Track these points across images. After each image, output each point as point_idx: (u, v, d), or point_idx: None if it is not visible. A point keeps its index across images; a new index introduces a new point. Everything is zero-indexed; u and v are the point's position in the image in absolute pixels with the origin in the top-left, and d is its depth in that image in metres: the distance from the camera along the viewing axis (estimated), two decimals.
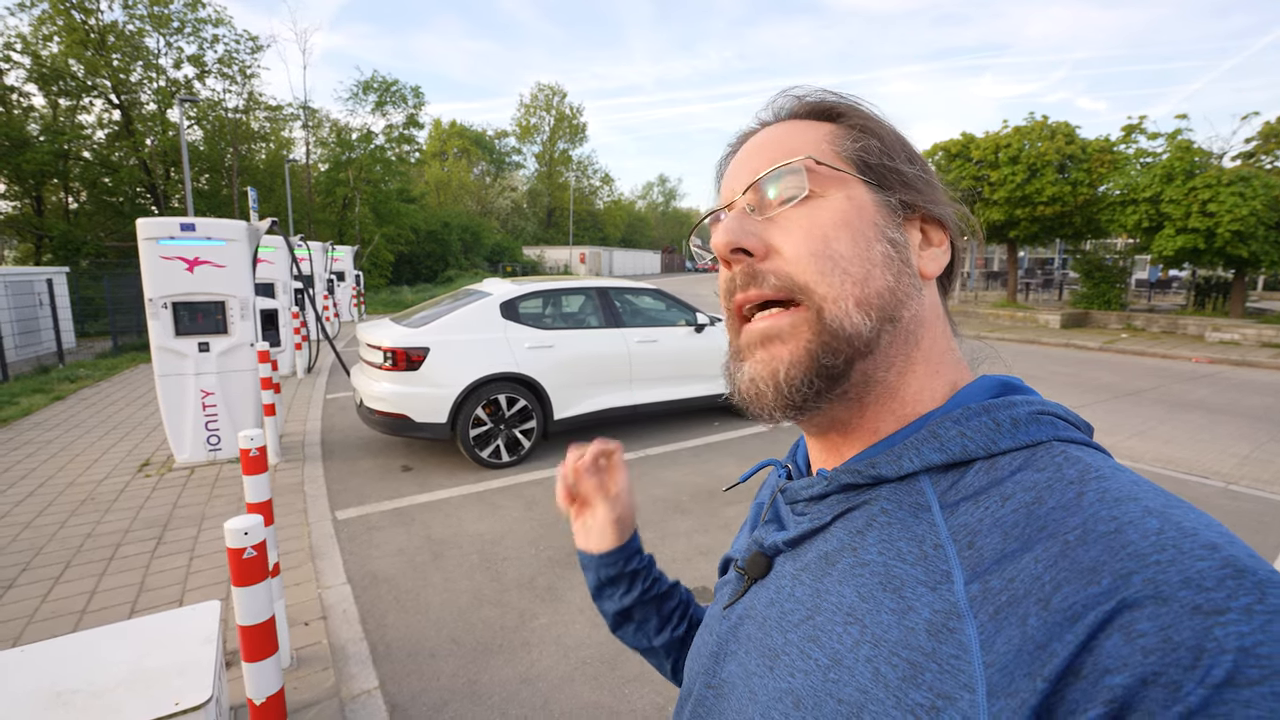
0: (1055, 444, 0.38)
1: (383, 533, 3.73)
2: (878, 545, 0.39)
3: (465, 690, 2.38)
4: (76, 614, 2.82)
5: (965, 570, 0.34)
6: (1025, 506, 0.35)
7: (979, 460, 0.39)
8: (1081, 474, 0.35)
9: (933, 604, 0.34)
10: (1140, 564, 0.29)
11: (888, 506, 0.40)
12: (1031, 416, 0.40)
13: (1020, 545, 0.33)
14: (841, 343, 0.41)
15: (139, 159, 19.89)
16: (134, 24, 19.81)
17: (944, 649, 0.32)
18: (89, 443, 5.41)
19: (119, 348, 10.69)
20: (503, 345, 4.83)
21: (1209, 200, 12.27)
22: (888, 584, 0.37)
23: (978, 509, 0.36)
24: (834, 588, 0.40)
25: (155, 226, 4.56)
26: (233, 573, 1.56)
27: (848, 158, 0.45)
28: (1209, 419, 6.62)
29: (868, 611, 0.37)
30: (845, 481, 0.43)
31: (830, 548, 0.42)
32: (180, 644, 1.89)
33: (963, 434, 0.39)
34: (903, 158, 0.46)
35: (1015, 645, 0.30)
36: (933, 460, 0.39)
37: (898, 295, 0.43)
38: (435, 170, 43.15)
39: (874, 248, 0.43)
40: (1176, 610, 0.27)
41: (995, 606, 0.32)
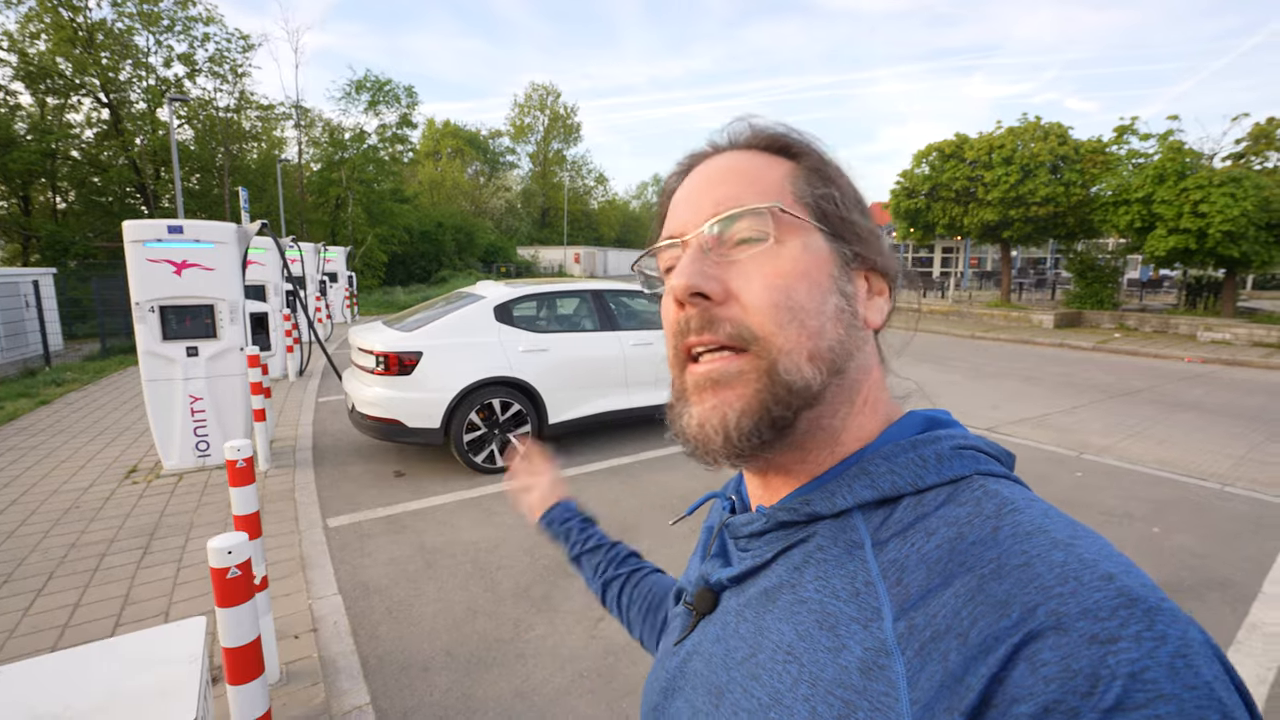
0: (976, 478, 0.39)
1: (375, 541, 3.67)
2: (815, 582, 0.40)
3: (459, 705, 2.32)
4: (59, 628, 2.75)
5: (894, 607, 0.35)
6: (948, 542, 0.35)
7: (907, 496, 0.39)
8: (999, 508, 0.36)
9: (864, 641, 0.35)
10: (1045, 596, 0.30)
11: (824, 543, 0.41)
12: (954, 451, 0.41)
13: (942, 580, 0.34)
14: (793, 395, 0.41)
15: (128, 158, 19.67)
16: (123, 22, 19.62)
17: (875, 687, 0.33)
18: (75, 449, 5.32)
19: (107, 350, 10.56)
20: (496, 349, 4.77)
21: (1200, 201, 12.34)
22: (824, 622, 0.38)
23: (905, 545, 0.37)
24: (774, 625, 0.41)
25: (142, 229, 4.48)
26: (216, 593, 1.50)
27: (807, 204, 0.45)
28: (1203, 419, 6.64)
29: (805, 650, 0.38)
30: (782, 519, 0.43)
31: (770, 584, 0.43)
32: (163, 663, 1.83)
33: (892, 470, 0.40)
34: (856, 209, 0.46)
35: (938, 681, 0.31)
36: (865, 497, 0.40)
37: (847, 347, 0.43)
38: (429, 170, 42.94)
39: (829, 300, 0.43)
40: (1075, 640, 0.28)
41: (920, 643, 0.33)
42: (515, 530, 3.81)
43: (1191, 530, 3.87)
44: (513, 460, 1.00)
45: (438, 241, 30.27)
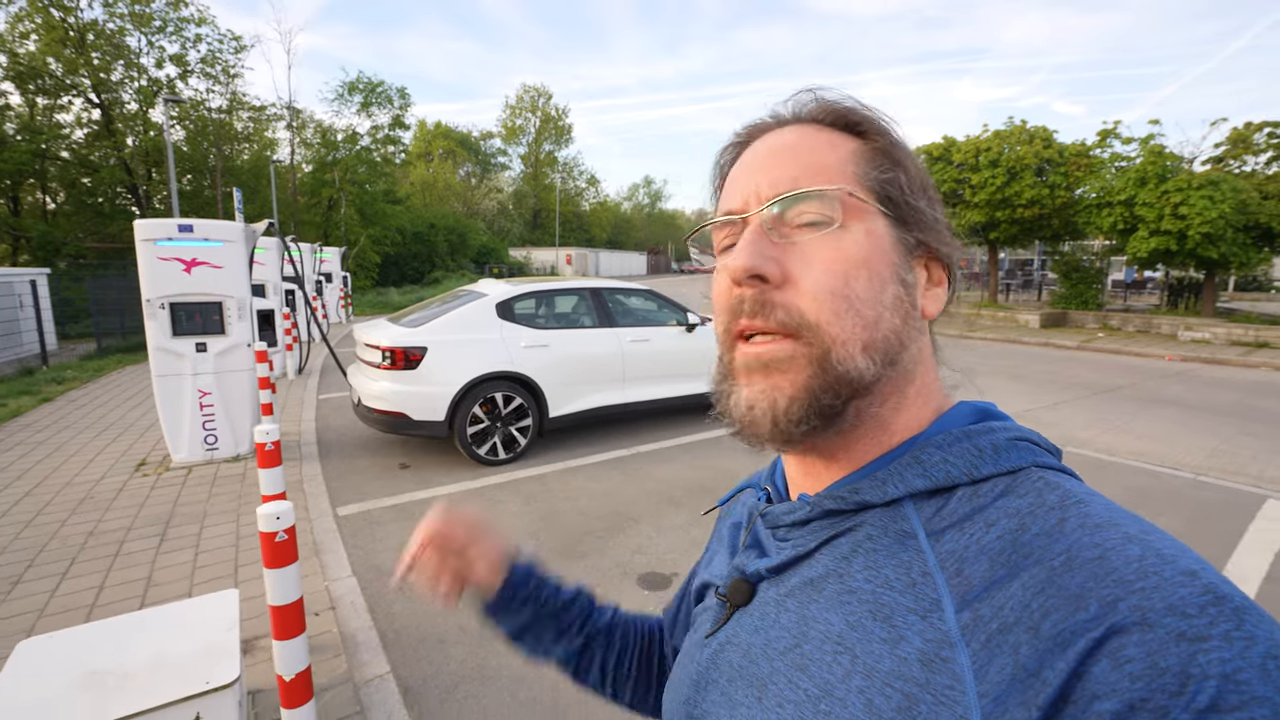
0: (1034, 470, 0.39)
1: (385, 528, 3.80)
2: (865, 572, 0.39)
3: (475, 674, 2.47)
4: (86, 608, 2.87)
5: (955, 598, 0.34)
6: (1010, 533, 0.35)
7: (962, 486, 0.39)
8: (1062, 499, 0.36)
9: (924, 633, 0.34)
10: (1126, 590, 0.29)
11: (873, 533, 0.40)
12: (1010, 443, 0.40)
13: (1007, 572, 0.33)
14: (844, 385, 0.41)
15: (120, 159, 19.61)
16: (114, 22, 19.55)
17: (938, 679, 0.32)
18: (82, 443, 5.41)
19: (103, 349, 10.59)
20: (499, 345, 4.91)
21: (1180, 203, 12.66)
22: (877, 612, 0.37)
23: (963, 535, 0.37)
24: (821, 615, 0.40)
25: (153, 228, 4.59)
26: (265, 555, 1.64)
27: (872, 187, 0.43)
28: (1182, 414, 6.88)
29: (858, 641, 0.37)
30: (829, 507, 0.42)
31: (815, 574, 0.42)
32: (203, 629, 1.97)
33: (946, 460, 0.40)
34: (922, 194, 0.45)
35: (1008, 674, 0.30)
36: (917, 486, 0.40)
37: (903, 338, 0.43)
38: (421, 171, 42.93)
39: (888, 289, 0.42)
40: (1162, 637, 0.27)
41: (987, 634, 0.32)
42: (520, 517, 3.95)
43: (1164, 516, 4.07)
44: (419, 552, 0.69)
45: (430, 242, 30.31)
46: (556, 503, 4.20)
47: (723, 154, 0.51)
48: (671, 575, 3.24)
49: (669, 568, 3.32)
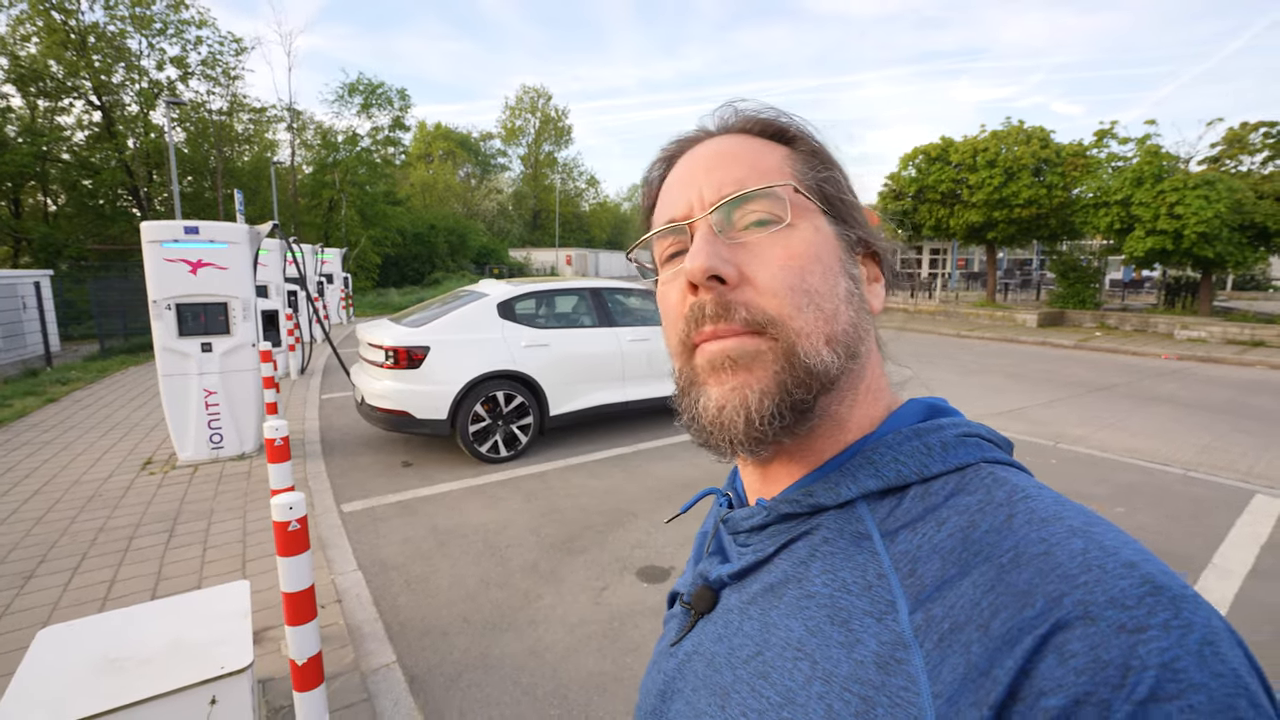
0: (983, 465, 0.39)
1: (388, 524, 3.87)
2: (822, 576, 0.39)
3: (478, 663, 2.54)
4: (99, 601, 2.94)
5: (909, 599, 0.34)
6: (960, 530, 0.35)
7: (914, 485, 0.39)
8: (1010, 495, 0.36)
9: (879, 635, 0.34)
10: (1070, 585, 0.30)
11: (829, 535, 0.40)
12: (959, 439, 0.40)
13: (958, 570, 0.33)
14: (812, 379, 0.41)
15: (121, 161, 19.69)
16: (115, 25, 19.64)
17: (893, 681, 0.32)
18: (89, 443, 5.48)
19: (106, 350, 10.66)
20: (500, 344, 4.99)
21: (1176, 203, 12.74)
22: (835, 616, 0.37)
23: (916, 535, 0.37)
24: (781, 621, 0.40)
25: (160, 229, 4.67)
26: (278, 544, 1.71)
27: (810, 187, 0.44)
28: (1175, 412, 6.95)
29: (817, 646, 0.37)
30: (785, 511, 0.42)
31: (775, 579, 0.42)
32: (216, 618, 2.05)
33: (896, 459, 0.40)
34: (851, 194, 0.47)
35: (960, 673, 0.30)
36: (869, 487, 0.40)
37: (859, 331, 0.44)
38: (421, 172, 43.02)
39: (840, 283, 0.43)
40: (1104, 630, 0.28)
41: (939, 634, 0.32)
42: (521, 513, 4.03)
43: (1154, 510, 4.14)
44: None
45: (430, 243, 30.40)
46: (557, 499, 4.27)
47: (651, 169, 0.52)
48: (669, 569, 3.32)
49: (667, 561, 3.39)
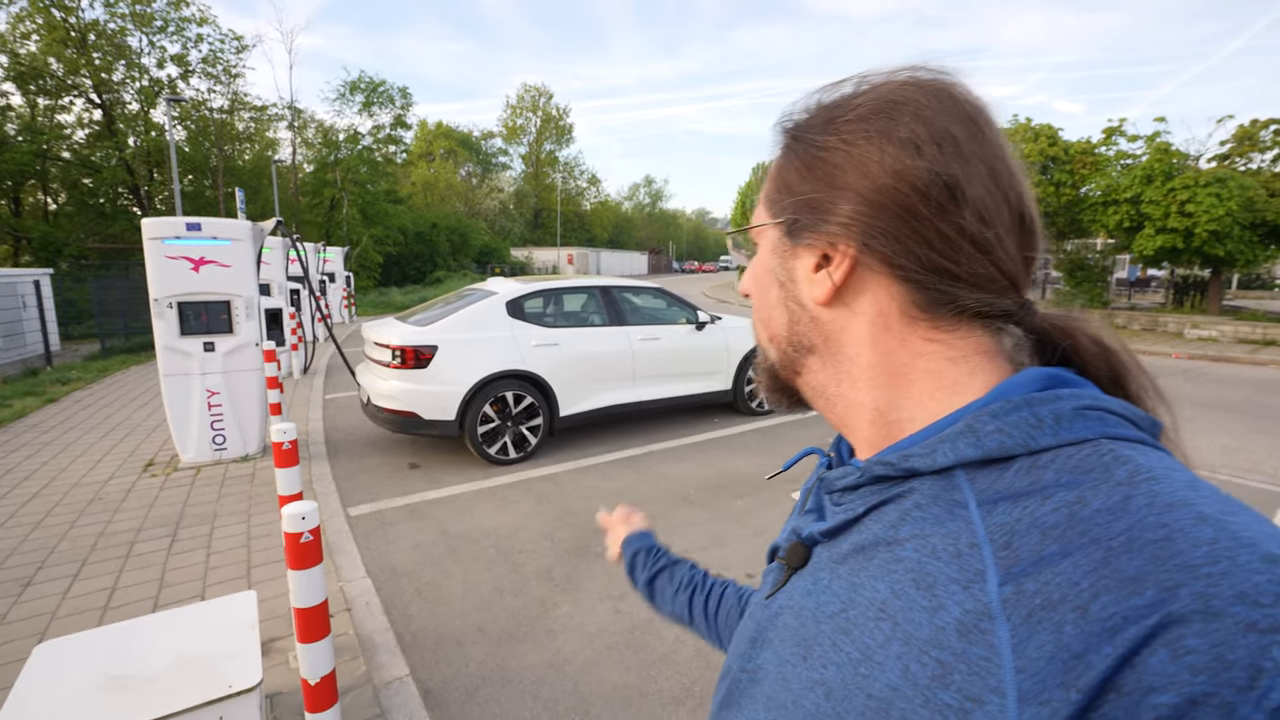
0: (1104, 441, 0.36)
1: (397, 528, 3.77)
2: (913, 541, 0.39)
3: (495, 675, 2.44)
4: (99, 609, 2.84)
5: (1000, 570, 0.33)
6: (1067, 507, 0.33)
7: (1020, 457, 0.37)
8: (1131, 475, 0.33)
9: (964, 603, 0.34)
10: (1189, 576, 0.27)
11: (922, 501, 0.40)
12: (1077, 412, 0.37)
13: (1060, 548, 0.32)
14: (769, 369, 0.52)
15: (121, 159, 19.59)
16: (115, 22, 19.53)
17: (974, 650, 0.32)
18: (89, 444, 5.38)
19: (107, 350, 10.56)
20: (509, 343, 4.88)
21: (1187, 201, 12.62)
22: (921, 581, 0.37)
23: (1016, 508, 0.35)
24: (868, 582, 0.40)
25: (161, 226, 4.56)
26: (289, 556, 1.61)
27: (765, 198, 0.50)
28: (1191, 413, 6.83)
29: (900, 608, 0.37)
30: (878, 473, 0.42)
31: (865, 540, 0.42)
32: (224, 631, 1.94)
33: (1001, 429, 0.38)
34: (809, 176, 0.45)
35: (1048, 652, 0.29)
36: (968, 455, 0.38)
37: (795, 331, 0.48)
38: (422, 171, 42.90)
39: (769, 293, 0.50)
40: (1229, 627, 0.26)
41: (1029, 609, 0.31)
42: (533, 517, 3.92)
43: None
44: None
45: (432, 242, 30.29)
46: (569, 502, 4.16)
47: None
48: None
49: None
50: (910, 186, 0.41)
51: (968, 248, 0.41)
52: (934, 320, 0.43)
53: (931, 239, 0.41)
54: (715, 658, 2.53)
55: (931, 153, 0.41)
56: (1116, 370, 0.43)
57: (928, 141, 0.41)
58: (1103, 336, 0.44)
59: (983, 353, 0.43)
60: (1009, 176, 0.42)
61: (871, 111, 0.43)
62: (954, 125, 0.42)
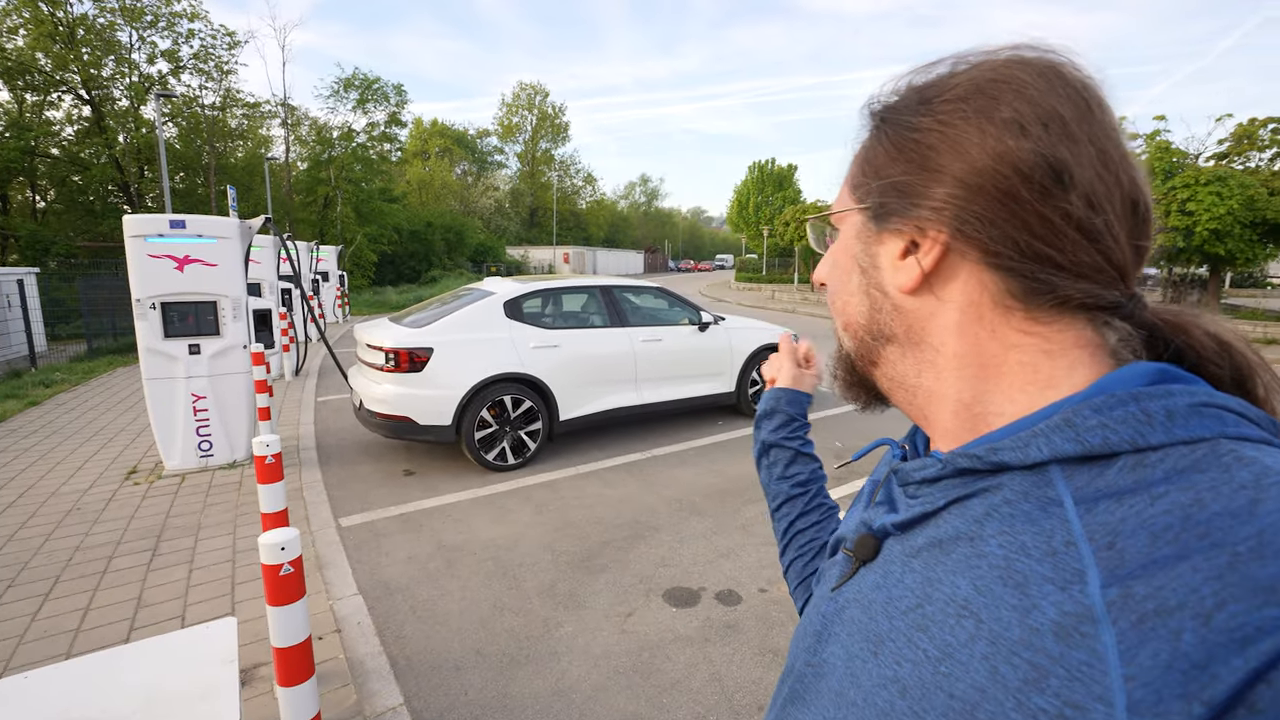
0: (1223, 441, 0.33)
1: (391, 540, 3.59)
2: (999, 537, 0.37)
3: (496, 704, 2.27)
4: (71, 632, 2.66)
5: (1102, 572, 0.31)
6: (1181, 508, 0.31)
7: (1124, 455, 0.35)
8: (1258, 477, 0.31)
9: (1061, 604, 0.32)
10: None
11: (1011, 497, 0.37)
12: (1192, 409, 0.35)
13: (1174, 552, 0.30)
14: (844, 359, 0.53)
15: (111, 157, 19.29)
16: (105, 17, 19.23)
17: (1073, 655, 0.30)
18: (70, 449, 5.18)
19: (94, 351, 10.33)
20: (508, 345, 4.71)
21: (1188, 200, 12.55)
22: (1009, 579, 0.35)
23: (1121, 507, 0.33)
24: (947, 577, 0.38)
25: (143, 223, 4.37)
26: (268, 592, 1.44)
27: (850, 182, 0.48)
28: None
29: (984, 606, 0.35)
30: (963, 466, 0.40)
31: (943, 534, 0.40)
32: (199, 664, 1.77)
33: (1104, 424, 0.35)
34: (888, 163, 0.44)
35: (1164, 661, 0.27)
36: (1065, 450, 0.36)
37: (876, 320, 0.47)
38: (417, 169, 42.60)
39: (850, 280, 0.48)
40: None
41: (1139, 615, 0.29)
42: (533, 527, 3.75)
43: None
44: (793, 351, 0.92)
45: (427, 241, 30.04)
46: (570, 511, 4.00)
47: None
48: (699, 590, 3.05)
49: (695, 582, 3.12)
50: (1012, 168, 0.38)
51: (1073, 234, 0.39)
52: (1031, 311, 0.41)
53: (1033, 224, 0.39)
54: (732, 685, 2.37)
55: (1037, 133, 0.38)
56: (1240, 368, 0.40)
57: (1033, 121, 0.39)
58: (1222, 332, 0.41)
59: (1083, 346, 0.40)
60: (1121, 160, 0.40)
61: (970, 91, 0.41)
62: (1061, 104, 0.39)
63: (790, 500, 0.82)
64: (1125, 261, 0.40)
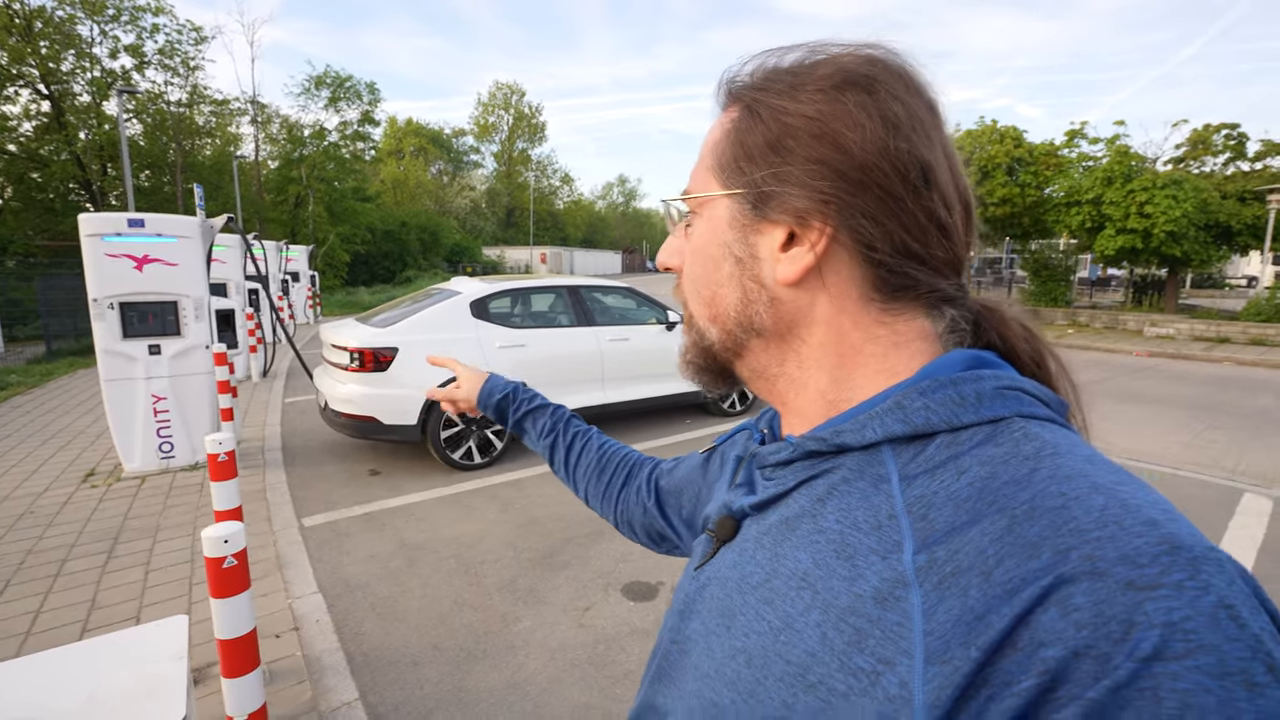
0: (1017, 420, 0.38)
1: (354, 539, 3.60)
2: (836, 513, 0.40)
3: (451, 698, 2.31)
4: (20, 635, 2.62)
5: (915, 540, 0.35)
6: (980, 480, 0.35)
7: (941, 434, 0.39)
8: (1038, 450, 0.35)
9: (881, 572, 0.35)
10: (1080, 540, 0.29)
11: (849, 475, 0.41)
12: (997, 392, 0.39)
13: (970, 518, 0.33)
14: (706, 351, 0.50)
15: (72, 153, 18.75)
16: (64, 9, 18.68)
17: (889, 616, 0.33)
18: (25, 452, 5.07)
19: (53, 352, 10.06)
20: (473, 345, 4.73)
21: (1146, 202, 12.97)
22: (842, 551, 0.38)
23: (934, 481, 0.37)
24: (791, 553, 0.41)
25: (99, 222, 4.30)
26: (211, 584, 1.46)
27: (716, 169, 0.46)
28: (1152, 409, 6.98)
29: (820, 578, 0.38)
30: (810, 449, 0.43)
31: (791, 513, 0.43)
32: (146, 662, 1.77)
33: (927, 406, 0.39)
34: (766, 152, 0.43)
35: (955, 615, 0.31)
36: (895, 431, 0.39)
37: (748, 310, 0.46)
38: (391, 169, 42.09)
39: (720, 268, 0.47)
40: (1110, 585, 0.27)
41: (940, 577, 0.32)
42: (497, 525, 3.78)
43: None
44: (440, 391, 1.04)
45: (402, 241, 29.71)
46: (535, 509, 4.03)
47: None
48: (657, 584, 3.11)
49: (654, 576, 3.19)
50: (892, 165, 0.40)
51: (935, 232, 0.42)
52: (887, 304, 0.43)
53: (906, 221, 0.41)
54: None
55: (908, 134, 0.41)
56: (1039, 353, 0.46)
57: (904, 122, 0.41)
58: (1026, 320, 0.47)
59: (925, 337, 0.44)
60: (958, 164, 0.44)
61: (844, 83, 0.42)
62: (921, 109, 0.42)
63: (554, 444, 0.89)
64: (963, 256, 0.44)
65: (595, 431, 0.90)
